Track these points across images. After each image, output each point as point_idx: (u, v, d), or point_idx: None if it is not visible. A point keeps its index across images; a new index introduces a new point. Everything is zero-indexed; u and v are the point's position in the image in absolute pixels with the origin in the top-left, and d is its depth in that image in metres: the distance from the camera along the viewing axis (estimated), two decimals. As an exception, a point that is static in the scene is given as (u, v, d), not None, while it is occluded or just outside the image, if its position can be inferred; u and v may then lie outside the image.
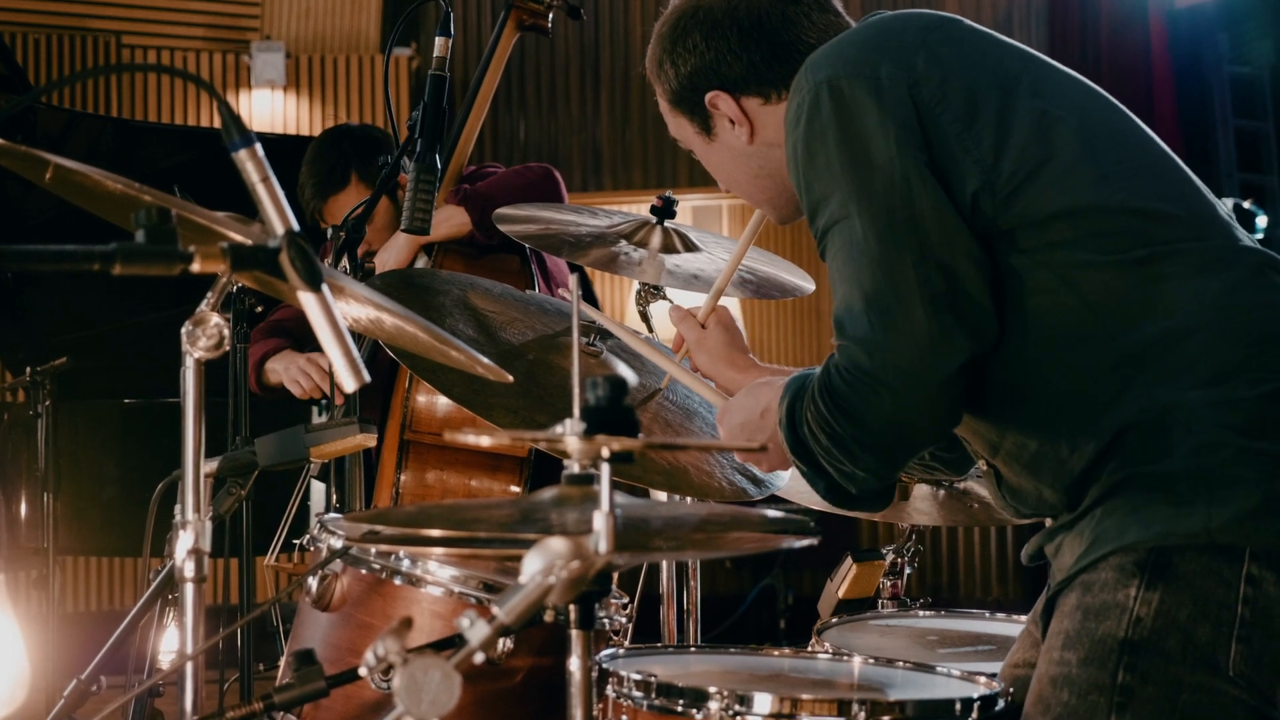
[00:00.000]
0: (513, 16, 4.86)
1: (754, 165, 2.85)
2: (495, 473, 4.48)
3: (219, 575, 4.76)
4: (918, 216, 2.43)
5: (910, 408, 2.43)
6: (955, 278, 2.43)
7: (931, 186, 2.44)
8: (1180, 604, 2.35)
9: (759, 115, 2.80)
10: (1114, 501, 2.42)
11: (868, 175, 2.46)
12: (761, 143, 2.81)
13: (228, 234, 2.16)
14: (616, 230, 3.63)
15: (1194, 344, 2.42)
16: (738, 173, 2.89)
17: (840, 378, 2.46)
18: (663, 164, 9.99)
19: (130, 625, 2.95)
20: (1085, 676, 2.39)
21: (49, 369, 6.22)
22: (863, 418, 2.45)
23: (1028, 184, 2.47)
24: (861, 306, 2.44)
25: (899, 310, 2.41)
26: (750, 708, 2.51)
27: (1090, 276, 2.45)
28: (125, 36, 9.73)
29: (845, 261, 2.48)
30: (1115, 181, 2.50)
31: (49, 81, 9.46)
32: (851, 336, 2.46)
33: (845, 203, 2.47)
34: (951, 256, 2.43)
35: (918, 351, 2.41)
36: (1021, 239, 2.47)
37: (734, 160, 2.87)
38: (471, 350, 2.48)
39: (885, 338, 2.42)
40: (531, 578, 1.83)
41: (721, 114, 2.81)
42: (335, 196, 5.02)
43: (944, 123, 2.49)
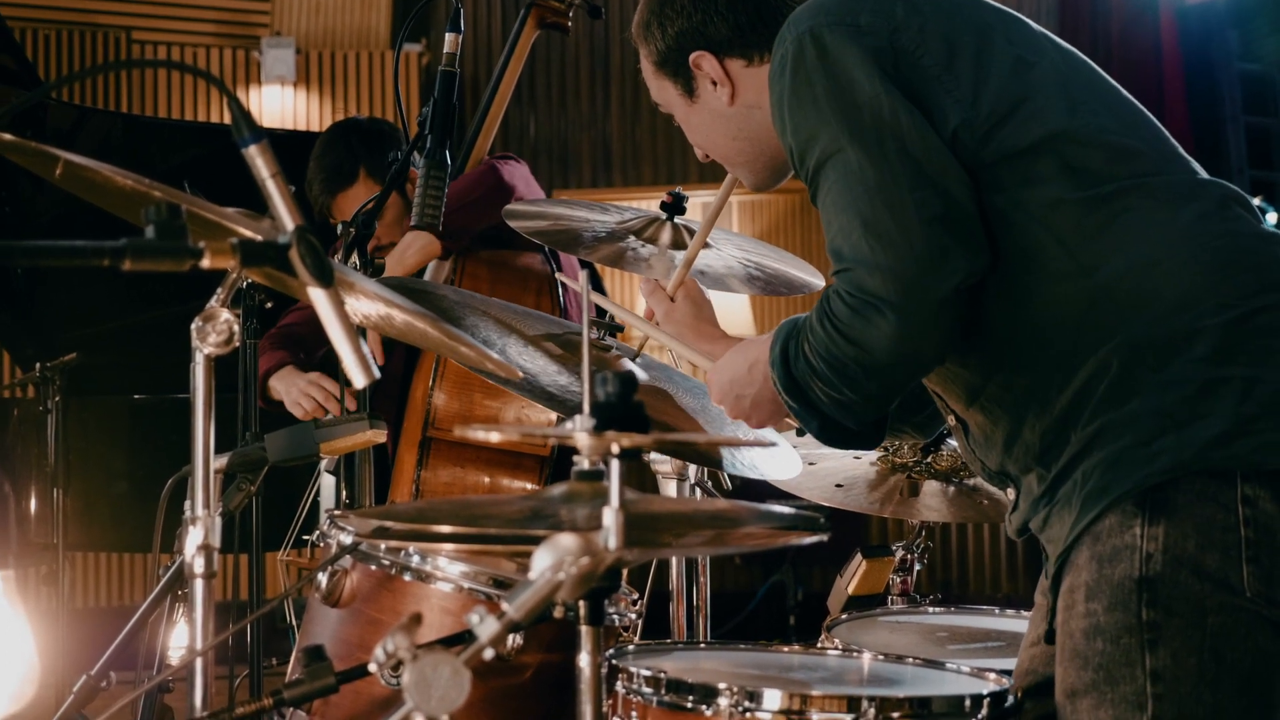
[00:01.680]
0: (533, 14, 4.86)
1: (733, 127, 2.89)
2: (516, 470, 4.48)
3: (229, 571, 4.76)
4: (908, 145, 2.48)
5: (913, 327, 2.45)
6: (950, 199, 2.47)
7: (918, 118, 2.50)
8: (1185, 534, 2.39)
9: (741, 77, 2.85)
10: (1091, 461, 2.47)
11: (855, 112, 2.50)
12: (742, 104, 2.86)
13: (238, 230, 2.16)
14: (626, 226, 3.63)
15: (1159, 274, 2.47)
16: (717, 135, 2.93)
17: (842, 301, 2.48)
18: (672, 160, 9.99)
19: (140, 621, 2.95)
20: (1113, 622, 2.41)
21: (59, 365, 6.22)
22: (865, 340, 2.47)
23: (1006, 120, 2.54)
24: (861, 233, 2.47)
25: (898, 232, 2.44)
26: (760, 704, 2.51)
27: (1062, 214, 2.50)
28: (135, 32, 9.74)
29: (841, 192, 2.51)
30: (1085, 117, 2.57)
31: (59, 77, 9.47)
32: (852, 260, 2.48)
33: (836, 138, 2.51)
34: (944, 180, 2.47)
35: (918, 269, 2.43)
36: (998, 176, 2.52)
37: (714, 122, 2.91)
38: (480, 345, 2.48)
39: (886, 259, 2.44)
40: (541, 574, 1.82)
41: (705, 75, 2.86)
42: (344, 192, 5.00)
43: (924, 65, 2.55)
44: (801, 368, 2.58)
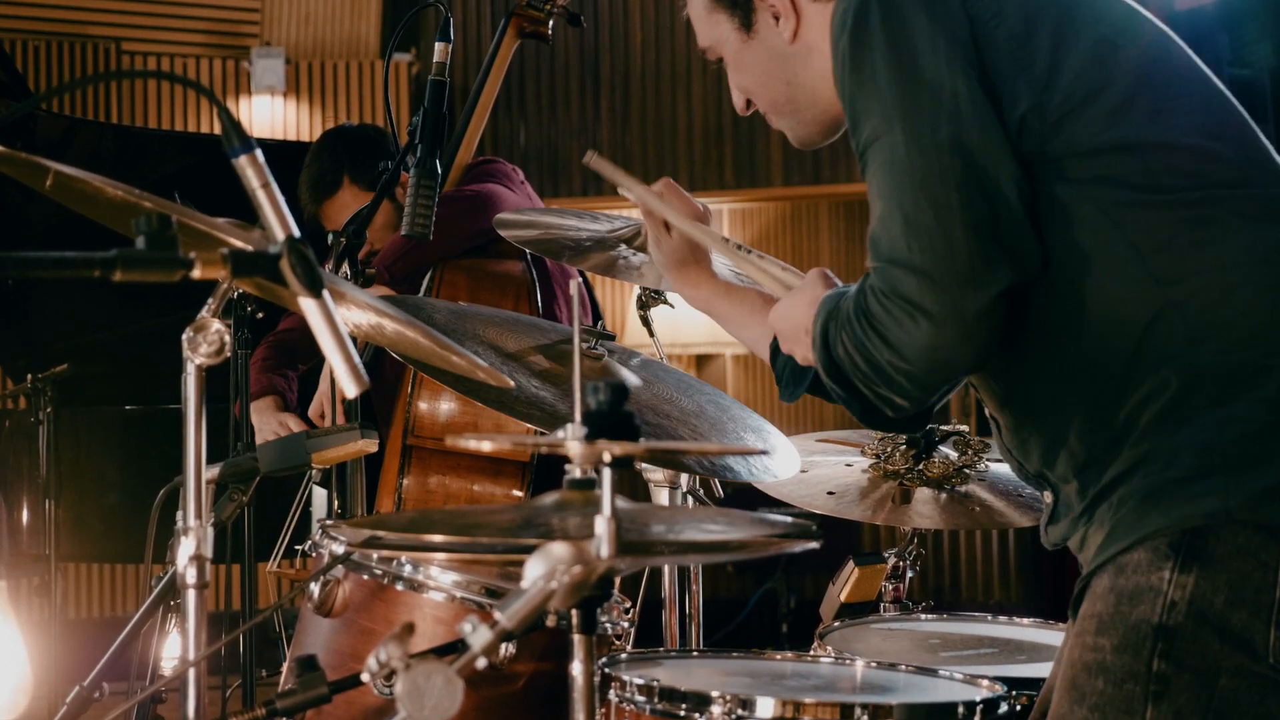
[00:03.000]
0: (513, 24, 4.87)
1: (789, 70, 2.68)
2: (497, 477, 4.48)
3: (221, 581, 4.76)
4: (963, 135, 2.31)
5: (949, 336, 2.30)
6: (998, 202, 2.31)
7: (980, 105, 2.33)
8: (1216, 588, 2.24)
9: (808, 12, 2.64)
10: (1130, 486, 2.32)
11: (913, 89, 2.34)
12: (803, 44, 2.65)
13: (228, 240, 2.16)
14: (616, 235, 3.63)
15: (1235, 299, 2.31)
16: (769, 78, 2.72)
17: (878, 302, 2.34)
18: (663, 168, 9.99)
19: (132, 632, 2.95)
20: (1120, 665, 2.28)
21: (50, 375, 6.23)
22: (900, 345, 2.33)
23: (1080, 110, 2.37)
24: (900, 227, 2.31)
25: (939, 233, 2.29)
26: (753, 712, 2.51)
27: (1137, 215, 2.35)
28: (125, 43, 9.74)
29: (884, 178, 2.35)
30: (1171, 117, 2.40)
31: (49, 88, 9.47)
32: (889, 258, 2.33)
33: (888, 117, 2.35)
34: (995, 180, 2.31)
35: (957, 278, 2.29)
36: (1068, 168, 2.36)
37: (769, 63, 2.70)
38: (471, 355, 2.48)
39: (924, 261, 2.29)
40: (533, 583, 1.82)
41: (767, 6, 2.66)
42: (329, 200, 5.02)
43: (998, 37, 2.38)
44: (842, 356, 2.44)
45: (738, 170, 9.93)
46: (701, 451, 3.23)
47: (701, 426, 3.34)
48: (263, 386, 4.91)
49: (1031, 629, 3.49)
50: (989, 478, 3.71)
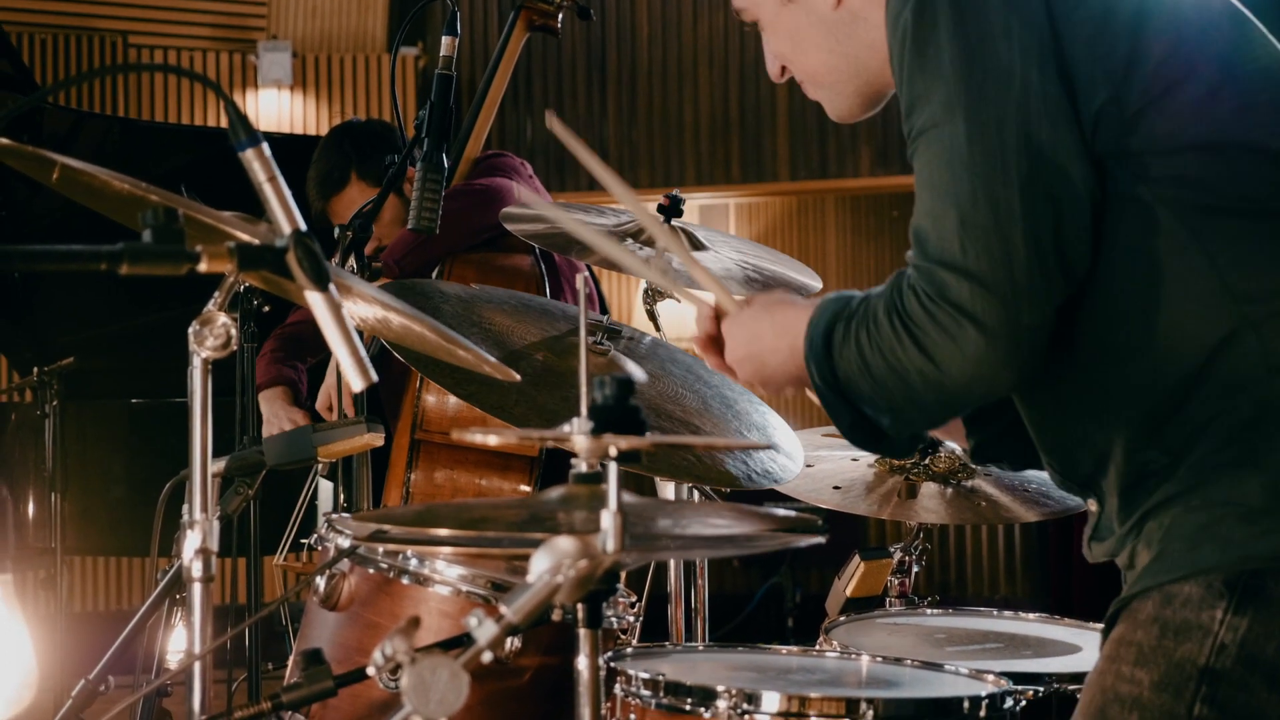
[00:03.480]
0: (522, 17, 4.86)
1: (831, 38, 2.46)
2: (505, 472, 4.48)
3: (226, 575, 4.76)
4: (1032, 131, 2.14)
5: (998, 352, 2.13)
6: (1064, 207, 2.14)
7: (1053, 99, 2.15)
8: (1270, 634, 2.10)
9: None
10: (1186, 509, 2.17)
11: (981, 77, 2.16)
12: (847, 10, 2.43)
13: (235, 234, 2.16)
14: (623, 229, 3.63)
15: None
16: (809, 45, 2.50)
17: (920, 303, 2.16)
18: (669, 163, 10.00)
19: (138, 625, 2.95)
20: (1158, 704, 2.14)
21: (56, 369, 6.23)
22: (940, 355, 2.15)
23: (1161, 102, 2.18)
24: (955, 227, 2.14)
25: (998, 240, 2.11)
26: (758, 706, 2.51)
27: (1217, 223, 2.17)
28: (132, 36, 9.74)
29: (940, 170, 2.17)
30: (1259, 115, 2.22)
31: (55, 81, 9.48)
32: (938, 259, 2.15)
33: (951, 105, 2.16)
34: (1064, 182, 2.15)
35: (1015, 290, 2.11)
36: (1145, 167, 2.18)
37: (809, 29, 2.48)
38: (479, 349, 2.48)
39: (980, 268, 2.12)
40: (539, 577, 1.82)
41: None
42: (336, 196, 5.02)
43: (1075, 21, 2.18)
44: (850, 357, 2.25)
45: (744, 165, 9.93)
46: (707, 446, 3.23)
47: (704, 425, 3.34)
48: (272, 376, 4.92)
49: (1037, 624, 3.49)
50: (995, 472, 3.71)
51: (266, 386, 4.88)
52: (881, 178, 9.82)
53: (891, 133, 9.72)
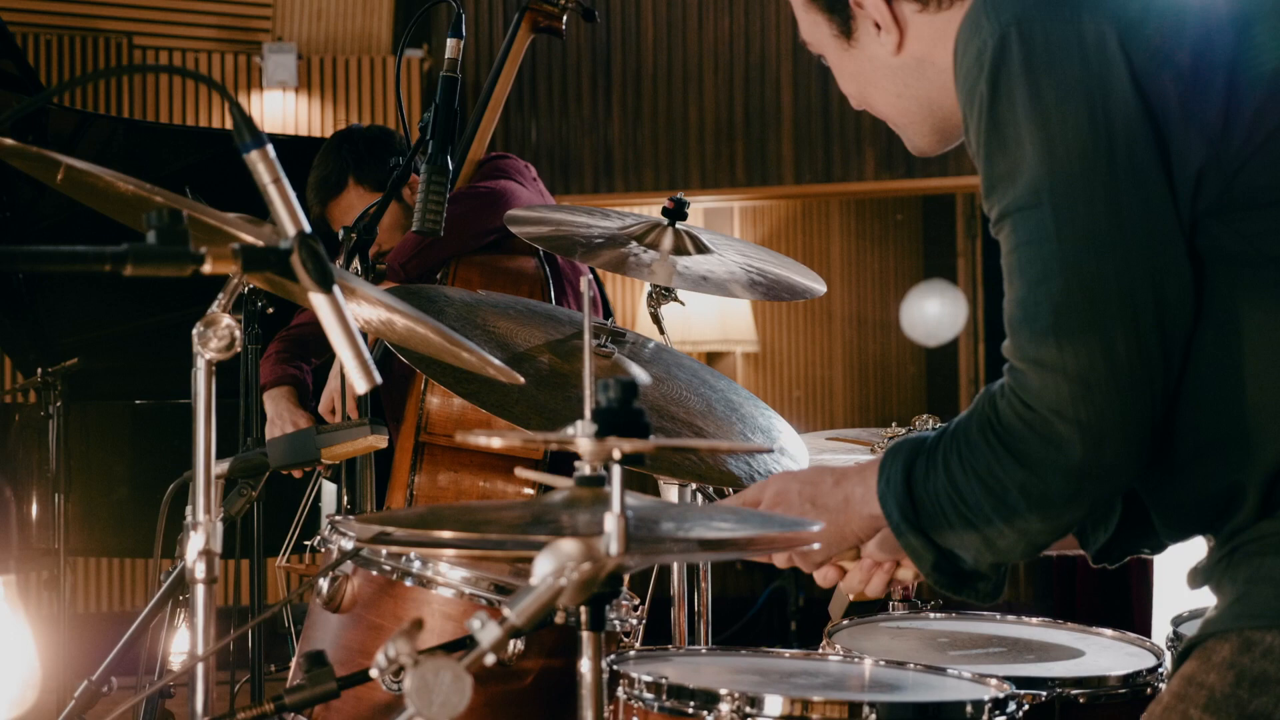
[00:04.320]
0: (527, 19, 4.87)
1: (897, 82, 2.40)
2: (510, 475, 4.48)
3: (230, 576, 4.76)
4: (1124, 213, 2.02)
5: (1107, 455, 2.03)
6: (1163, 288, 2.03)
7: (1144, 173, 2.03)
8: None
9: (912, 22, 2.33)
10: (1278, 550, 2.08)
11: (1064, 156, 2.03)
12: (911, 56, 2.35)
13: (239, 235, 2.16)
14: (628, 232, 3.63)
15: None
16: (876, 89, 2.44)
17: (1015, 412, 2.06)
18: (674, 166, 10.00)
19: (141, 626, 2.95)
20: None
21: (60, 370, 6.23)
22: (1041, 464, 2.04)
23: (1260, 154, 2.05)
24: (1049, 323, 2.03)
25: (1095, 331, 2.01)
26: (761, 710, 2.51)
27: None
28: (136, 38, 9.74)
29: (1030, 259, 2.06)
30: None
31: (60, 82, 9.47)
32: (1033, 358, 2.05)
33: (1035, 188, 2.04)
34: (1160, 260, 2.03)
35: (1118, 388, 2.01)
36: (1247, 222, 2.06)
37: (874, 73, 2.41)
38: (483, 352, 2.48)
39: (1078, 365, 2.01)
40: (543, 579, 1.82)
41: (867, 14, 2.35)
42: (334, 201, 5.04)
43: (1163, 80, 2.04)
44: (938, 488, 2.15)
45: (749, 168, 9.93)
46: (710, 449, 3.23)
47: (708, 427, 3.34)
48: (278, 375, 4.92)
49: (1040, 628, 3.48)
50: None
51: (272, 385, 4.89)
52: (886, 181, 9.82)
53: (895, 137, 9.67)
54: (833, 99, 9.77)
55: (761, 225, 11.88)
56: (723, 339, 11.21)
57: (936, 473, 2.16)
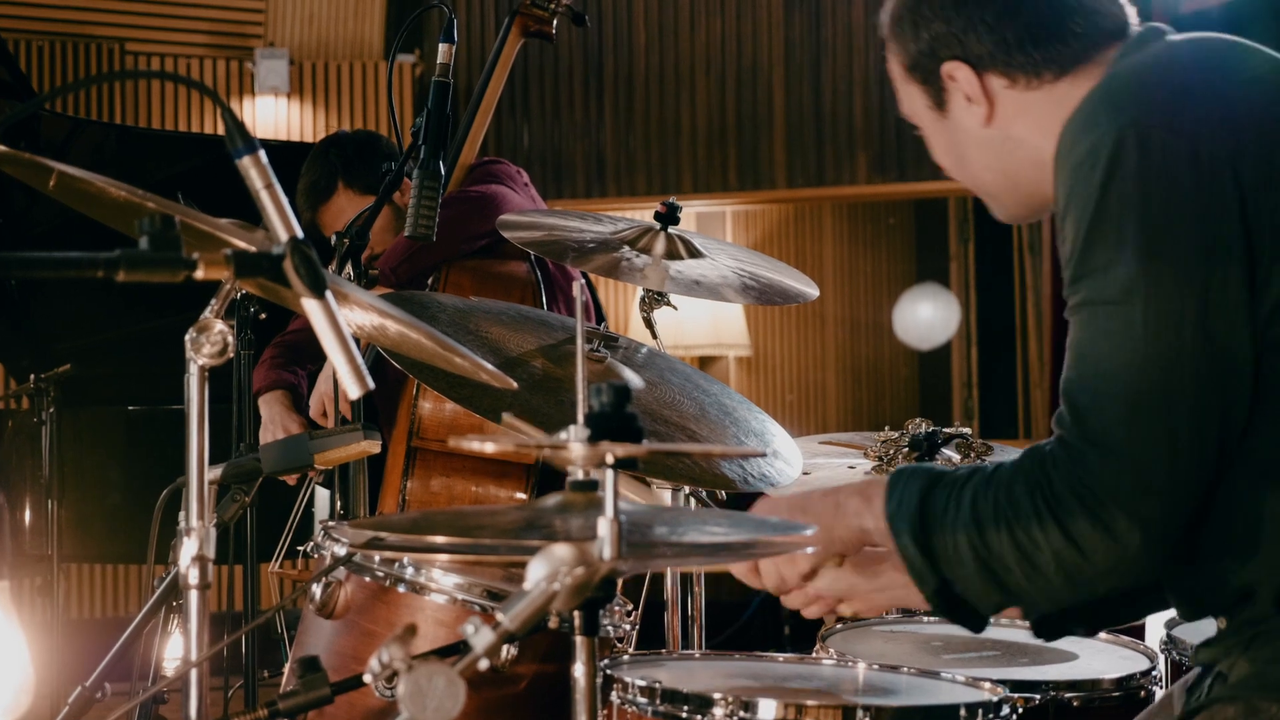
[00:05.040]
0: (517, 23, 4.87)
1: (987, 155, 2.48)
2: (502, 480, 4.47)
3: (223, 582, 4.76)
4: (1212, 332, 2.11)
5: (1151, 545, 2.12)
6: (1231, 406, 2.13)
7: (1234, 296, 2.12)
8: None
9: (1001, 98, 2.42)
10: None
11: (1165, 265, 2.11)
12: (999, 130, 2.44)
13: (231, 241, 2.16)
14: (620, 236, 3.63)
15: None
16: (967, 158, 2.51)
17: (1070, 487, 2.13)
18: (666, 170, 10.00)
19: (134, 632, 2.95)
20: None
21: (53, 376, 6.22)
22: (1086, 543, 2.13)
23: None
24: (1121, 413, 2.12)
25: (1165, 434, 2.10)
26: (755, 714, 2.51)
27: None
28: (129, 43, 9.74)
29: (1111, 350, 2.14)
30: None
31: (52, 88, 9.47)
32: (1100, 443, 2.13)
33: (1130, 290, 2.12)
34: (1233, 382, 2.13)
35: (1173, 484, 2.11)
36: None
37: (966, 143, 2.49)
38: (475, 357, 2.48)
39: (1144, 461, 2.10)
40: (536, 584, 1.82)
41: (958, 88, 2.44)
42: (324, 206, 5.03)
43: (1264, 210, 2.14)
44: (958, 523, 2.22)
45: (741, 172, 9.93)
46: (703, 453, 3.23)
47: (701, 431, 3.34)
48: (272, 380, 4.92)
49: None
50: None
51: (267, 390, 4.89)
52: (878, 185, 9.82)
53: (888, 140, 9.72)
54: (824, 102, 9.78)
55: (754, 229, 11.89)
56: (715, 343, 11.22)
57: (960, 510, 2.22)
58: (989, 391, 11.78)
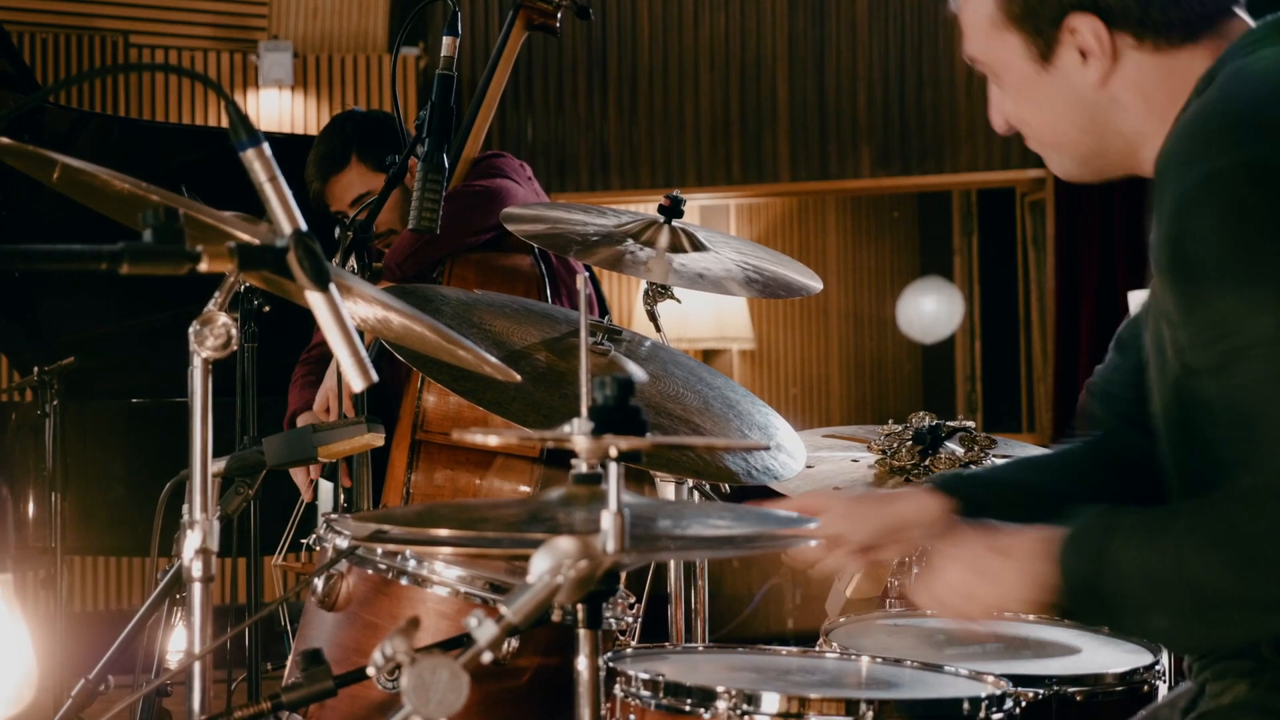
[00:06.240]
0: (521, 16, 4.86)
1: (1085, 116, 2.37)
2: (506, 473, 4.47)
3: (226, 575, 4.76)
4: None
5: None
6: None
7: None
8: None
9: (1125, 58, 2.31)
10: None
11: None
12: (1108, 93, 2.33)
13: (235, 233, 2.16)
14: (624, 229, 3.63)
15: None
16: (1055, 116, 2.40)
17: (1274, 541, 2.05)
18: (670, 163, 10.00)
19: (138, 625, 2.95)
20: None
21: (56, 368, 6.22)
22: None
23: None
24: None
25: None
26: (758, 707, 2.51)
27: None
28: (133, 36, 9.74)
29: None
30: None
31: (56, 81, 9.47)
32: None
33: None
34: None
35: None
36: None
37: (1062, 102, 2.37)
38: (479, 349, 2.48)
39: None
40: (539, 577, 1.82)
41: (1075, 41, 2.31)
42: (335, 177, 5.03)
43: None
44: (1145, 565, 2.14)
45: (745, 166, 9.93)
46: (707, 446, 3.23)
47: (705, 425, 3.34)
48: (307, 400, 4.90)
49: (1037, 626, 3.49)
50: (995, 474, 3.71)
51: (303, 410, 4.88)
52: (882, 179, 9.82)
53: (892, 133, 9.72)
54: (828, 95, 9.78)
55: (758, 222, 11.88)
56: (719, 336, 11.21)
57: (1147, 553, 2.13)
58: (992, 385, 11.78)
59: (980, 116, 9.51)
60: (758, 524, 2.13)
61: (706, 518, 2.20)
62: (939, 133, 9.65)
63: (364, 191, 4.92)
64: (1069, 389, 9.03)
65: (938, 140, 9.66)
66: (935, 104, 9.65)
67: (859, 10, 9.76)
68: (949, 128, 9.63)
